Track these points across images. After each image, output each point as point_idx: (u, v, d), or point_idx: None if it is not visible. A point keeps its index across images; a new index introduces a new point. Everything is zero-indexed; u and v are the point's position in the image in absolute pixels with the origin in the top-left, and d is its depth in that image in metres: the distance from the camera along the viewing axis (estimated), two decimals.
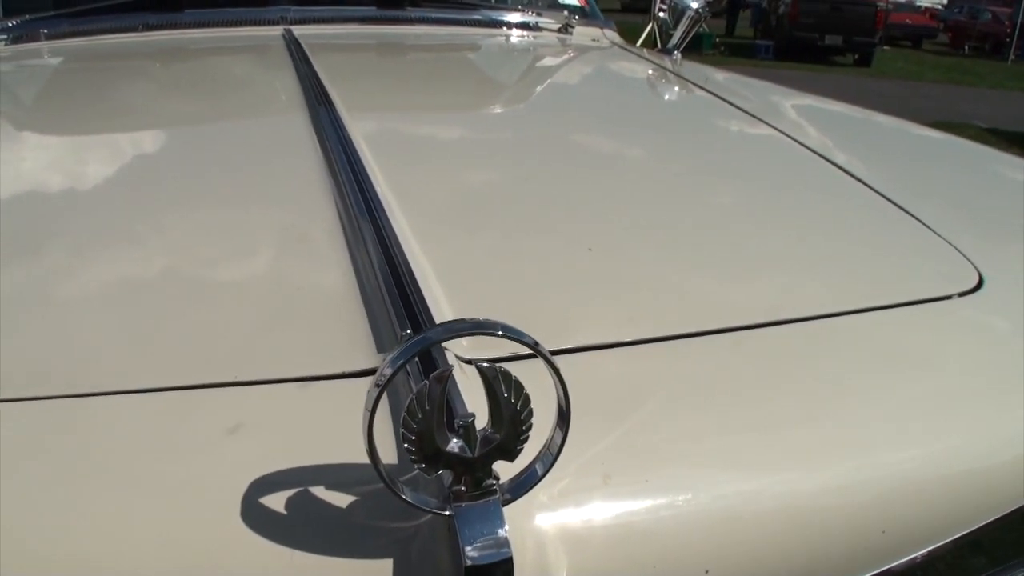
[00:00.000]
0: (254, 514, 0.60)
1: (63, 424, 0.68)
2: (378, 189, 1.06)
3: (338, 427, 0.66)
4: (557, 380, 0.58)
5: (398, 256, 0.88)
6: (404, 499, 0.56)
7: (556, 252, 1.01)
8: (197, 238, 1.03)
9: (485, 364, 0.56)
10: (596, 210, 1.17)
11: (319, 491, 0.62)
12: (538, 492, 0.61)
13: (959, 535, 0.78)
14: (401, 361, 0.55)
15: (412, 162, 1.30)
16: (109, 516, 0.60)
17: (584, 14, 2.73)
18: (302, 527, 0.60)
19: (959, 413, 0.83)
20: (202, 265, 0.96)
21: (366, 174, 1.10)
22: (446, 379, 0.56)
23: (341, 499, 0.62)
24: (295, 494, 0.62)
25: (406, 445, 0.56)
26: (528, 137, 1.60)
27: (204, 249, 1.00)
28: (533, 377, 0.59)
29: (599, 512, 0.65)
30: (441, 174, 1.28)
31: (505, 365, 0.58)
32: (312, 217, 1.07)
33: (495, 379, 0.56)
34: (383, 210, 0.99)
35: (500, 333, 0.57)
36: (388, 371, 0.54)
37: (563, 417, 0.59)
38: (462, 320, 0.59)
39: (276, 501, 0.61)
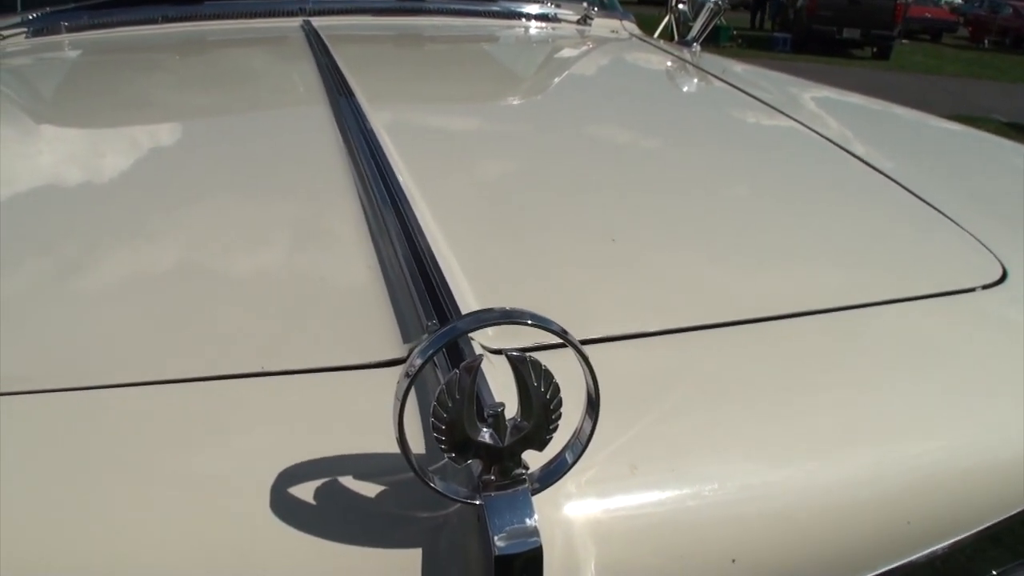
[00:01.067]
0: (283, 504, 0.60)
1: (91, 416, 0.69)
2: (401, 179, 1.06)
3: (366, 417, 0.67)
4: (586, 368, 0.58)
5: (422, 246, 0.88)
6: (434, 488, 0.57)
7: (580, 242, 1.01)
8: (222, 230, 1.04)
9: (515, 353, 0.56)
10: (619, 201, 1.17)
11: (348, 481, 0.62)
12: (566, 482, 0.61)
13: (981, 528, 0.77)
14: (431, 351, 0.55)
15: (434, 152, 1.30)
16: (137, 509, 0.61)
17: (603, 5, 2.73)
18: (331, 517, 0.60)
19: (982, 406, 0.82)
20: (227, 256, 0.97)
21: (389, 164, 1.10)
22: (476, 369, 0.56)
23: (370, 489, 0.62)
24: (323, 484, 0.62)
25: (436, 435, 0.56)
26: (549, 128, 1.60)
27: (229, 240, 1.01)
28: (558, 367, 0.59)
29: (626, 502, 0.65)
30: (463, 164, 1.28)
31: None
32: (336, 208, 1.08)
33: (525, 368, 0.56)
34: (407, 200, 0.99)
35: (529, 322, 0.57)
36: (418, 361, 0.54)
37: (592, 405, 0.59)
38: (491, 310, 0.59)
39: (305, 491, 0.61)
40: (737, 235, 1.08)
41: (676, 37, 2.69)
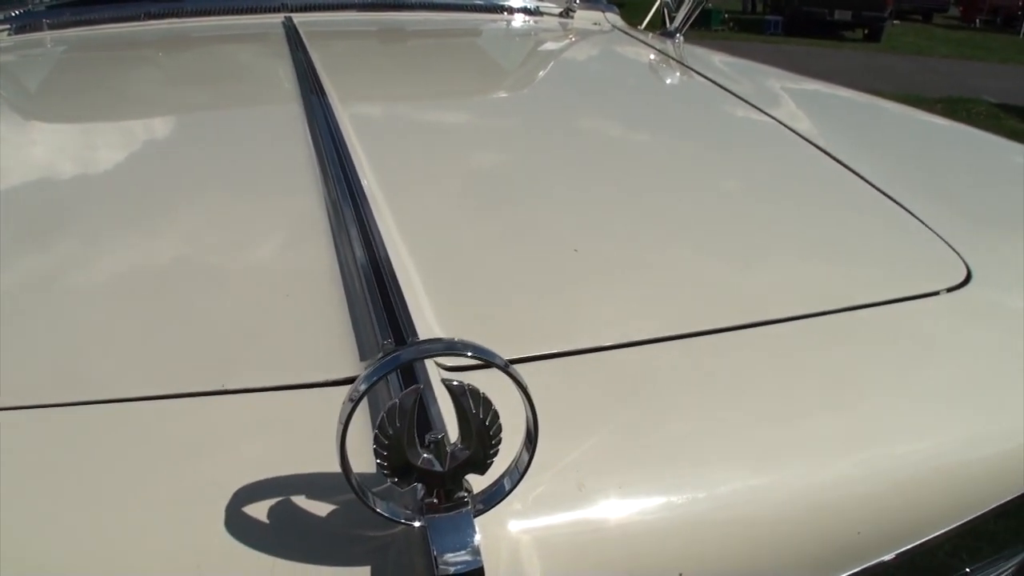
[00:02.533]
0: (235, 522, 0.62)
1: (49, 434, 0.70)
2: (365, 183, 1.07)
3: (320, 436, 0.67)
4: (526, 401, 0.59)
5: (382, 257, 0.89)
6: (376, 510, 0.58)
7: (541, 252, 1.02)
8: (185, 240, 1.04)
9: (455, 382, 0.58)
10: (585, 205, 1.18)
11: (300, 499, 0.64)
12: (513, 500, 0.63)
13: (949, 528, 0.79)
14: (375, 379, 0.56)
15: (401, 155, 1.31)
16: (91, 527, 0.62)
17: None
18: (283, 535, 0.62)
19: (948, 410, 0.84)
20: (190, 270, 0.97)
21: (354, 168, 1.11)
22: (417, 396, 0.57)
23: (321, 508, 0.63)
24: (276, 503, 0.63)
25: (378, 460, 0.57)
26: (519, 129, 1.60)
27: (191, 252, 1.01)
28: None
29: (573, 518, 0.66)
30: (430, 166, 1.29)
31: (483, 373, 0.60)
32: (300, 216, 1.08)
33: (463, 396, 0.58)
34: (369, 207, 1.00)
35: (470, 354, 0.58)
36: (362, 387, 0.56)
37: (531, 438, 0.61)
38: (437, 340, 0.61)
39: (258, 510, 0.63)
40: (700, 243, 1.08)
41: (667, 24, 2.69)
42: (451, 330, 0.80)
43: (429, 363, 0.71)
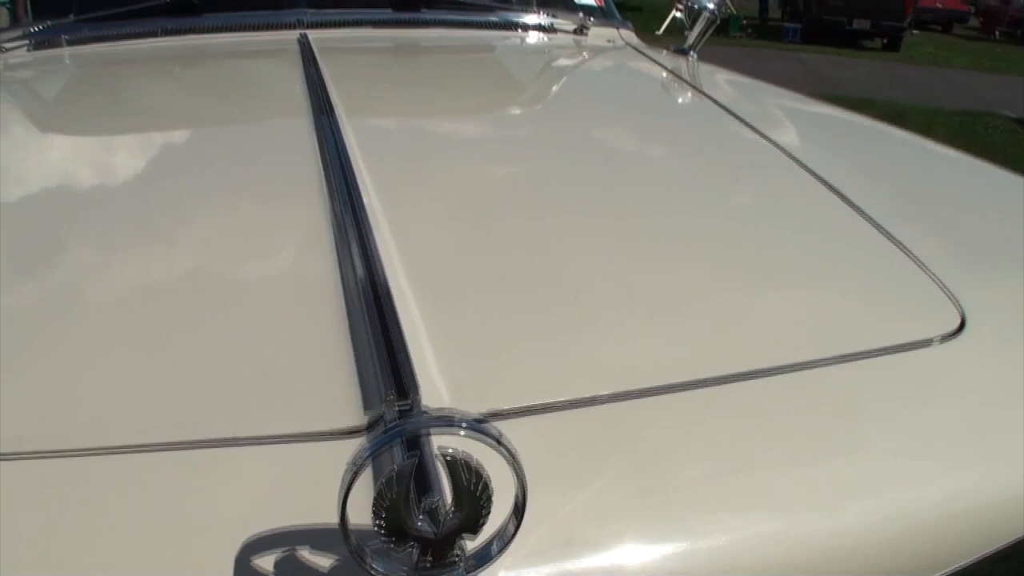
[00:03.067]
0: (237, 573, 0.64)
1: (51, 483, 0.72)
2: (368, 209, 1.09)
3: (325, 487, 0.69)
4: (516, 475, 0.62)
5: (383, 294, 0.89)
6: (373, 570, 0.61)
7: (543, 296, 1.02)
8: (190, 272, 1.06)
9: (448, 452, 0.61)
10: (589, 240, 1.18)
11: (305, 552, 0.66)
12: (505, 556, 0.65)
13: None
14: (375, 449, 0.60)
15: (408, 178, 1.33)
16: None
17: (602, 14, 2.75)
18: None
19: (936, 460, 0.86)
20: (196, 309, 0.97)
21: (360, 194, 1.13)
22: (415, 465, 0.60)
23: (321, 562, 0.66)
24: (277, 557, 0.66)
25: (376, 523, 0.60)
26: (526, 151, 1.61)
27: (196, 288, 1.02)
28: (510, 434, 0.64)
29: (564, 572, 0.68)
30: (437, 191, 1.30)
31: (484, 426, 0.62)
32: (306, 244, 1.10)
33: (456, 468, 0.61)
34: (372, 236, 1.02)
35: (464, 427, 0.61)
36: (364, 457, 0.59)
37: (518, 511, 0.64)
38: (439, 418, 0.64)
39: (264, 562, 0.65)
40: (699, 290, 1.09)
41: (686, 27, 2.70)
42: (450, 379, 0.82)
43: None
